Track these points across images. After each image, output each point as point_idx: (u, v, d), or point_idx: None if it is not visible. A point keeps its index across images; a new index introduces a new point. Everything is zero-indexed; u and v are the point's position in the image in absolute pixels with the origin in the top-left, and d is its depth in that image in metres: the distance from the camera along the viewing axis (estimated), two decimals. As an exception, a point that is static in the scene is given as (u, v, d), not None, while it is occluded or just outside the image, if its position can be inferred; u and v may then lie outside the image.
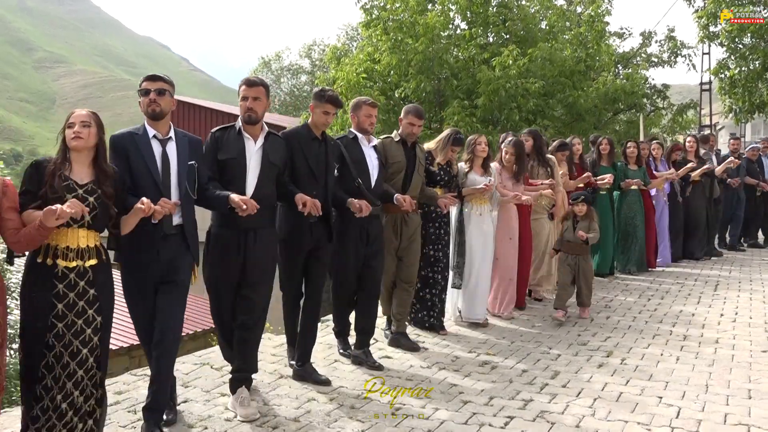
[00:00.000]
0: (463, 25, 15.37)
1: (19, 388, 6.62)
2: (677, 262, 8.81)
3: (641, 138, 10.84)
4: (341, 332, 4.88)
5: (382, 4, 15.02)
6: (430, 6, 15.01)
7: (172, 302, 3.43)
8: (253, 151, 3.79)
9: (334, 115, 4.32)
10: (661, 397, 3.93)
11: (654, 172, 8.45)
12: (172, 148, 3.45)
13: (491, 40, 15.07)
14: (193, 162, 3.50)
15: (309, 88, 37.21)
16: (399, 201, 4.61)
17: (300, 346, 4.33)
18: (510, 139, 6.10)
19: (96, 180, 3.10)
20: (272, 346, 4.99)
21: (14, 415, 3.66)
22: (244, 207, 3.42)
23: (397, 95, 14.52)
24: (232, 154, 3.74)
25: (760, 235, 10.91)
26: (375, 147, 4.72)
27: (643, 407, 3.78)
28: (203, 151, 3.70)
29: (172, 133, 3.49)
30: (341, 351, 4.79)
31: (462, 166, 5.66)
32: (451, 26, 15.00)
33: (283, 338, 4.92)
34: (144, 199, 3.12)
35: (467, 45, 14.13)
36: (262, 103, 3.79)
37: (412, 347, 4.98)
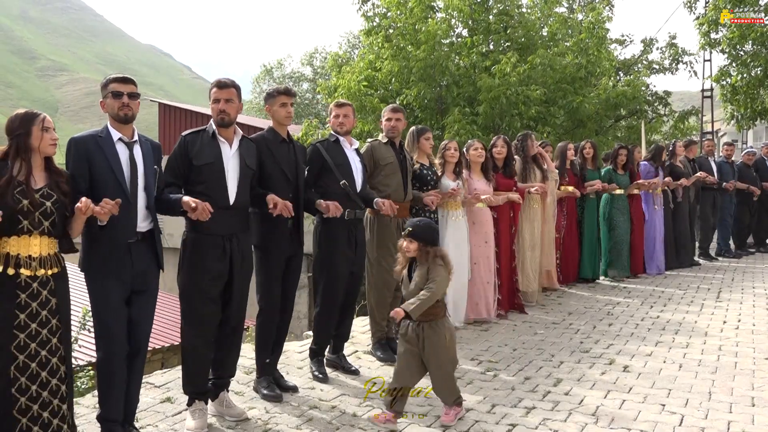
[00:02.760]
0: (464, 33, 15.40)
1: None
2: (671, 270, 8.76)
3: (642, 144, 10.83)
4: (319, 351, 4.52)
5: (383, 12, 15.07)
6: (431, 13, 15.05)
7: (148, 314, 3.40)
8: (230, 155, 3.67)
9: (293, 105, 4.17)
10: (663, 405, 3.92)
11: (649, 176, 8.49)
12: (138, 152, 3.34)
13: (491, 47, 15.10)
14: (156, 167, 3.41)
15: (311, 95, 37.30)
16: (379, 205, 4.42)
17: (261, 359, 4.15)
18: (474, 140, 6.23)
19: (50, 183, 3.03)
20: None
21: None
22: (193, 205, 3.28)
23: (398, 103, 14.54)
24: (209, 159, 3.60)
25: (752, 241, 10.83)
26: (357, 150, 4.63)
27: (645, 415, 3.76)
28: (166, 156, 3.54)
29: (136, 137, 3.38)
30: (317, 374, 4.41)
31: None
32: (452, 33, 15.03)
33: (287, 346, 4.90)
34: (83, 198, 2.97)
35: (469, 52, 14.15)
36: (234, 105, 3.66)
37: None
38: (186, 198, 3.36)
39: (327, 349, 4.63)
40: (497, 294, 6.17)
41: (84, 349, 8.63)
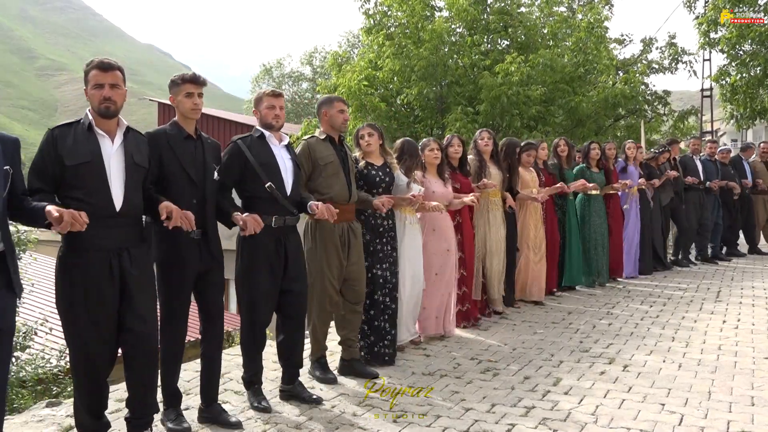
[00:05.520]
0: (464, 32, 15.41)
1: (19, 395, 6.62)
2: (644, 275, 8.43)
3: (642, 144, 10.81)
4: (253, 380, 3.92)
5: (384, 10, 15.07)
6: (432, 12, 15.06)
7: (1, 359, 2.69)
8: (112, 152, 3.05)
9: (201, 96, 3.53)
10: (663, 404, 3.92)
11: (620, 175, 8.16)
12: None
13: (489, 47, 15.11)
14: (7, 167, 2.74)
15: (310, 95, 37.39)
16: (312, 209, 3.84)
17: (207, 388, 3.64)
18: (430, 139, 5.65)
19: None
20: (273, 353, 4.96)
21: (14, 422, 3.65)
22: (56, 215, 2.62)
23: (399, 102, 14.54)
24: (85, 157, 2.97)
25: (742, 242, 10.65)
26: (288, 147, 4.00)
27: (645, 414, 3.76)
28: (19, 155, 2.89)
29: None
30: (255, 405, 3.82)
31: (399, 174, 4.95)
32: (453, 32, 15.03)
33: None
34: None
35: (470, 51, 14.16)
36: (121, 92, 3.07)
37: (368, 374, 4.43)
38: (50, 207, 2.68)
39: (282, 380, 4.09)
40: (458, 305, 5.66)
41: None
